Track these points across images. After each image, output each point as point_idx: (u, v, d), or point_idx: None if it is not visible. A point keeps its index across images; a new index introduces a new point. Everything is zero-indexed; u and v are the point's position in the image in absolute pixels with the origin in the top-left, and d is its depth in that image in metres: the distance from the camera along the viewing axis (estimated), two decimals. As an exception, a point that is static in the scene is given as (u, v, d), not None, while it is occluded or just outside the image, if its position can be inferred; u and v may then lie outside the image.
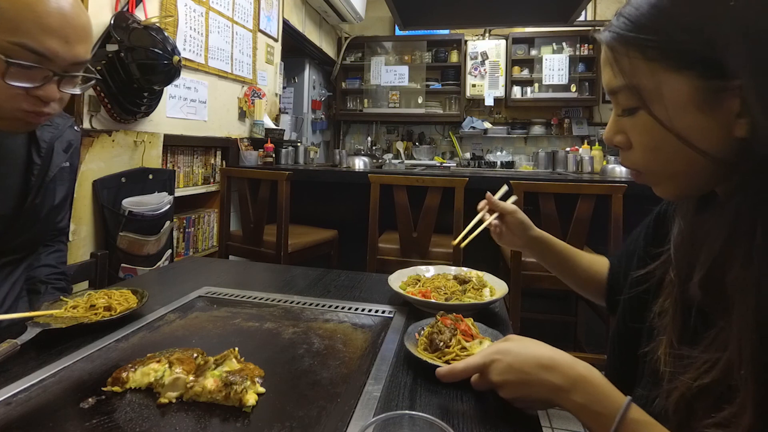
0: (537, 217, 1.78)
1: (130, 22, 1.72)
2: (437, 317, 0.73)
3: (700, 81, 0.43)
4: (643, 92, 0.47)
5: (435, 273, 1.06)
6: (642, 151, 0.50)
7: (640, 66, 0.47)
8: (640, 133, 0.49)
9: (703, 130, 0.44)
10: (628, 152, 0.52)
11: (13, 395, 0.56)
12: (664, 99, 0.45)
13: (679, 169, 0.48)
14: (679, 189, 0.51)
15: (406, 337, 0.71)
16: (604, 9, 4.50)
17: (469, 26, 4.15)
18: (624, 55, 0.48)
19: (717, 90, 0.43)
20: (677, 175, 0.49)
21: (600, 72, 0.51)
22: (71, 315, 0.76)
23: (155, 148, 2.00)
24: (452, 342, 0.67)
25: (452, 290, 0.94)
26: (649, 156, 0.49)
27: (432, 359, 0.65)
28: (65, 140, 0.94)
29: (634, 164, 0.52)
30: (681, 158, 0.47)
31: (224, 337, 0.76)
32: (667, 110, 0.46)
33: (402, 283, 1.00)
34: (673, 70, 0.45)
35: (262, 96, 2.92)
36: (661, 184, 0.52)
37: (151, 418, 0.53)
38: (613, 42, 0.49)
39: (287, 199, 2.07)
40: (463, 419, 0.55)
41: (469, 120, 4.62)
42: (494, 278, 1.01)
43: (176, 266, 1.24)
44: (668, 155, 0.47)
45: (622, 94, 0.49)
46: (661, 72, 0.45)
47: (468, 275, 1.01)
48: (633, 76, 0.47)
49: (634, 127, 0.50)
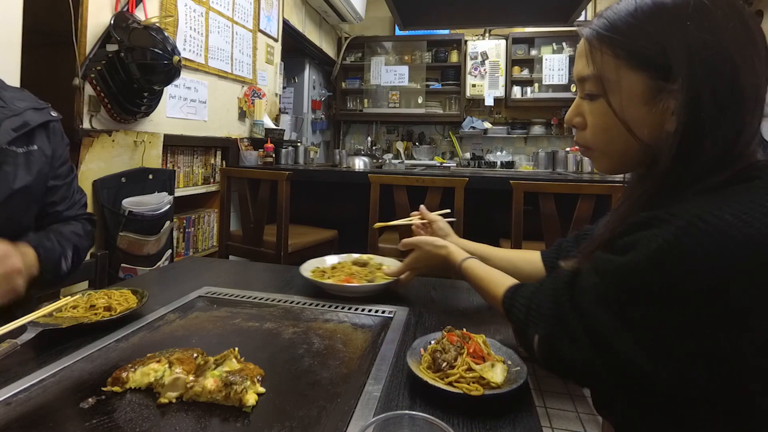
0: (537, 217, 1.79)
1: (130, 22, 1.72)
2: (444, 333, 0.68)
3: (650, 81, 0.53)
4: (606, 83, 0.57)
5: (331, 263, 1.12)
6: (593, 131, 0.61)
7: (608, 61, 0.56)
8: (595, 116, 0.60)
9: (644, 120, 0.55)
10: (582, 132, 0.63)
11: (13, 395, 0.56)
12: (621, 91, 0.55)
13: (618, 149, 0.59)
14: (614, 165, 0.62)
15: (410, 352, 0.66)
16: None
17: (469, 26, 4.15)
18: (598, 50, 0.57)
19: (660, 90, 0.53)
20: (615, 154, 0.60)
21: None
22: (71, 315, 0.76)
23: (155, 148, 2.00)
24: (457, 362, 0.61)
25: (365, 274, 1.03)
26: (598, 136, 0.60)
27: (434, 380, 0.59)
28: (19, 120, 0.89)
29: (585, 142, 0.63)
30: (622, 141, 0.57)
31: (224, 337, 0.76)
32: (621, 101, 0.56)
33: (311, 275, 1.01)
34: (632, 68, 0.54)
35: (262, 96, 2.92)
36: (601, 159, 0.63)
37: (151, 418, 0.53)
38: (592, 37, 0.58)
39: (287, 199, 2.07)
40: (463, 419, 0.55)
41: (469, 120, 4.62)
42: (382, 258, 1.14)
43: (176, 266, 1.24)
44: (612, 137, 0.58)
45: (589, 82, 0.59)
46: (624, 69, 0.55)
47: (362, 259, 1.14)
48: (602, 69, 0.57)
49: (591, 111, 0.60)
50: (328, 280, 0.99)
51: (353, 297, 0.95)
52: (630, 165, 0.61)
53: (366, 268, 1.07)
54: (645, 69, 0.53)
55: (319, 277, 1.01)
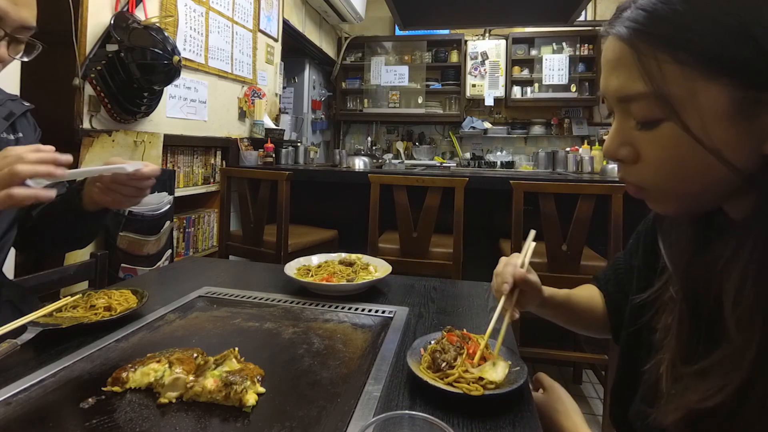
0: (537, 217, 1.78)
1: (130, 22, 1.72)
2: (443, 333, 0.68)
3: (739, 90, 0.38)
4: (674, 101, 0.40)
5: (319, 261, 1.13)
6: (657, 166, 0.44)
7: (670, 70, 0.40)
8: (659, 148, 0.43)
9: (735, 144, 0.39)
10: (633, 166, 0.46)
11: (13, 395, 0.56)
12: (700, 109, 0.39)
13: (696, 188, 0.43)
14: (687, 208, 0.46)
15: (410, 351, 0.66)
16: (604, 9, 4.50)
17: (469, 26, 4.15)
18: (651, 57, 0.41)
19: (755, 102, 0.38)
20: (689, 194, 0.44)
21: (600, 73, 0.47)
22: (71, 315, 0.76)
23: (155, 148, 2.00)
24: (457, 362, 0.61)
25: (347, 273, 1.03)
26: (666, 174, 0.43)
27: (434, 380, 0.59)
28: (5, 110, 0.90)
29: (641, 180, 0.46)
30: (703, 175, 0.41)
31: (224, 337, 0.76)
32: (703, 122, 0.40)
33: (295, 273, 1.03)
34: (709, 77, 0.39)
35: (262, 96, 2.92)
36: (666, 202, 0.46)
37: (151, 418, 0.53)
38: (635, 39, 0.42)
39: (287, 199, 2.07)
40: (463, 419, 0.55)
41: (469, 120, 4.62)
42: (372, 258, 1.13)
43: (176, 266, 1.24)
44: (689, 174, 0.42)
45: (640, 103, 0.42)
46: (697, 78, 0.39)
47: (350, 258, 1.13)
48: (663, 83, 0.40)
49: (651, 141, 0.43)
50: (310, 278, 1.00)
51: (334, 296, 0.96)
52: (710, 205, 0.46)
53: (351, 267, 1.08)
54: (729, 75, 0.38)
55: (304, 275, 1.02)
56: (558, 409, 0.66)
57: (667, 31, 0.40)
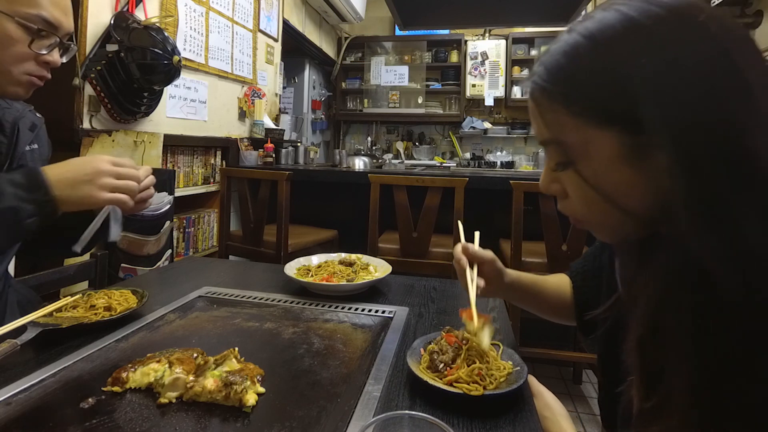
0: (537, 217, 1.78)
1: (130, 22, 1.71)
2: (442, 333, 0.68)
3: (627, 136, 0.41)
4: (569, 149, 0.45)
5: (319, 261, 1.13)
6: (578, 203, 0.48)
7: (565, 121, 0.44)
8: (573, 187, 0.47)
9: (631, 185, 0.42)
10: (565, 201, 0.50)
11: (13, 395, 0.56)
12: (591, 156, 0.43)
13: (613, 222, 0.46)
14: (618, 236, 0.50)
15: (410, 351, 0.66)
16: (604, 9, 4.49)
17: (469, 26, 4.15)
18: (548, 109, 0.45)
19: (643, 145, 0.40)
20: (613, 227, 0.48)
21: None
22: (71, 315, 0.76)
23: (155, 148, 2.00)
24: (456, 363, 0.62)
25: (347, 273, 1.03)
26: (584, 209, 0.47)
27: (434, 380, 0.59)
28: (29, 120, 0.95)
29: (573, 213, 0.50)
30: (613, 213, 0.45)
31: (224, 337, 0.76)
32: (594, 168, 0.43)
33: (295, 273, 1.03)
34: (598, 125, 0.42)
35: (262, 96, 2.92)
36: (600, 232, 0.51)
37: (151, 418, 0.53)
38: (536, 93, 0.46)
39: (287, 199, 2.06)
40: (463, 419, 0.54)
41: (469, 120, 4.62)
42: (372, 258, 1.13)
43: (176, 266, 1.23)
44: (600, 210, 0.46)
45: (551, 148, 0.47)
46: (587, 128, 0.42)
47: (350, 258, 1.13)
48: (559, 132, 0.45)
49: (567, 181, 0.48)
50: (310, 278, 1.00)
51: (334, 296, 0.96)
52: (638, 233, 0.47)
53: (351, 267, 1.08)
54: (612, 123, 0.41)
55: (304, 275, 1.02)
56: (545, 416, 0.66)
57: (560, 86, 0.44)
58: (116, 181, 0.77)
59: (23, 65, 0.78)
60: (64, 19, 0.80)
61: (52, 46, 0.80)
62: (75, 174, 0.74)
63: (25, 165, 0.91)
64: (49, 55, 0.80)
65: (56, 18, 0.78)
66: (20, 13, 0.74)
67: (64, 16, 0.80)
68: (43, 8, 0.76)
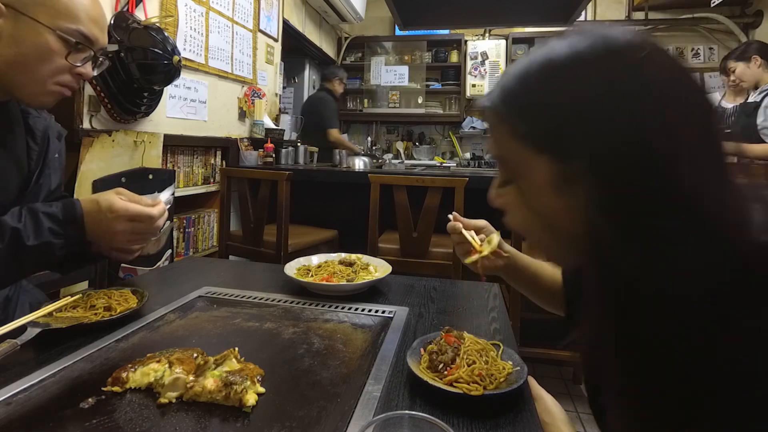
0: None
1: (130, 22, 1.71)
2: (442, 333, 0.69)
3: (556, 164, 0.42)
4: (513, 169, 0.47)
5: (319, 261, 1.13)
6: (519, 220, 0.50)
7: (509, 142, 0.46)
8: (512, 205, 0.49)
9: (562, 211, 0.44)
10: (509, 215, 0.51)
11: (13, 395, 0.56)
12: (528, 179, 0.45)
13: (551, 244, 0.49)
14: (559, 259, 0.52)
15: (410, 351, 0.66)
16: (604, 9, 4.49)
17: (469, 26, 4.15)
18: (497, 128, 0.47)
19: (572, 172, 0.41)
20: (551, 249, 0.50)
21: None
22: (71, 315, 0.76)
23: (155, 148, 2.00)
24: (456, 363, 0.62)
25: (347, 273, 1.03)
26: (523, 227, 0.49)
27: (434, 380, 0.60)
28: (55, 129, 0.99)
29: (515, 228, 0.51)
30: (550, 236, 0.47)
31: (224, 337, 0.76)
32: (532, 191, 0.46)
33: (295, 273, 1.03)
34: (534, 150, 0.44)
35: (262, 96, 2.92)
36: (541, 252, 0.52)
37: (151, 418, 0.53)
38: (488, 112, 0.48)
39: (287, 199, 2.06)
40: (463, 419, 0.55)
41: (469, 120, 4.62)
42: (372, 258, 1.14)
43: (176, 266, 1.23)
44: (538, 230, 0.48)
45: (499, 164, 0.50)
46: (526, 151, 0.44)
47: (350, 258, 1.13)
48: (505, 151, 0.47)
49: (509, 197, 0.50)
50: (310, 278, 1.00)
51: (334, 296, 0.96)
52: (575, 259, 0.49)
53: (351, 267, 1.08)
54: (548, 150, 0.43)
55: (304, 275, 1.03)
56: (546, 421, 0.65)
57: (507, 109, 0.46)
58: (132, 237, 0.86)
59: (58, 76, 0.82)
60: (101, 35, 0.86)
61: (86, 59, 0.84)
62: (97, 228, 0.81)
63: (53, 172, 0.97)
64: (83, 68, 0.84)
65: (93, 33, 0.83)
66: (61, 27, 0.78)
67: (101, 32, 0.86)
68: (82, 23, 0.81)
